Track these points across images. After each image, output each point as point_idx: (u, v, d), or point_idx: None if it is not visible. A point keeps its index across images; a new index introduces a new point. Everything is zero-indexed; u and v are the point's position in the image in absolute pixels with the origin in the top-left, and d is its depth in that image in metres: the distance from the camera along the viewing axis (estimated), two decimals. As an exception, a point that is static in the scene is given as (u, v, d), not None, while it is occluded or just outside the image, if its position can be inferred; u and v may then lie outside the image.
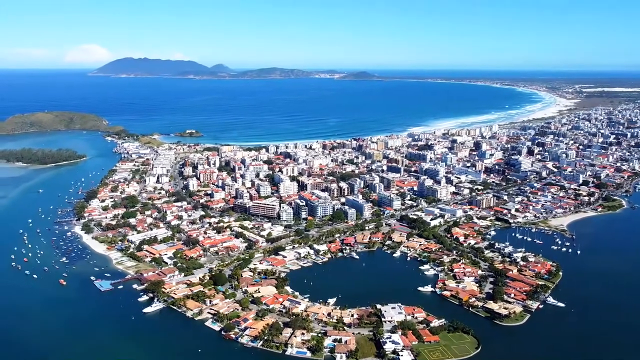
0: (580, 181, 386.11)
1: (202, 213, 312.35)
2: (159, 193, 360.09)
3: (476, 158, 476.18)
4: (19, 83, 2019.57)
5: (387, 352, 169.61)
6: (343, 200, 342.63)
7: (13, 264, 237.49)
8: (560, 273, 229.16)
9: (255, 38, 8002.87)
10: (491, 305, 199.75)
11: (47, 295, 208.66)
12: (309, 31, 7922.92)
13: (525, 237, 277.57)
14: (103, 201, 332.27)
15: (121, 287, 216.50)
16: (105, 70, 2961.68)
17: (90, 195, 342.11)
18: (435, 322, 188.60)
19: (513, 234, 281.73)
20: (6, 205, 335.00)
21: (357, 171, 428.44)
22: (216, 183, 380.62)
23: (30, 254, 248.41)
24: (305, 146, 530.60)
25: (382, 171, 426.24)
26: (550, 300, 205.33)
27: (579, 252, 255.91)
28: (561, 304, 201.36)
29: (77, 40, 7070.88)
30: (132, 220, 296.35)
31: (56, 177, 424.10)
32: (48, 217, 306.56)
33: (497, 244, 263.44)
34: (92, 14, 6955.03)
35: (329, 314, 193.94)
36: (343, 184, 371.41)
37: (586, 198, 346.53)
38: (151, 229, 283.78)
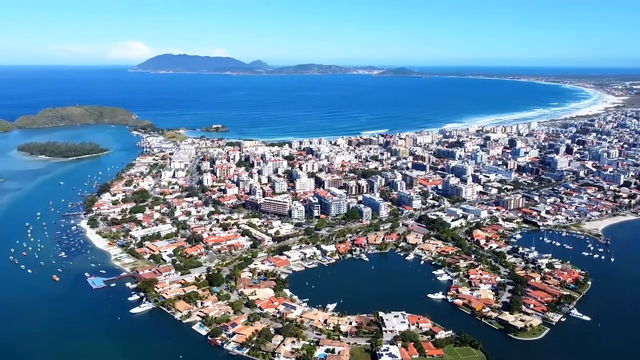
0: (621, 182, 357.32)
1: (212, 209, 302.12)
2: (173, 188, 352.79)
3: (509, 156, 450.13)
4: (62, 78, 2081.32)
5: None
6: (361, 198, 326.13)
7: (11, 257, 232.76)
8: (589, 282, 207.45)
9: (294, 34, 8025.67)
10: (506, 316, 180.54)
11: (38, 291, 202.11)
12: (347, 27, 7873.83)
13: (553, 242, 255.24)
14: (114, 195, 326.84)
15: (114, 284, 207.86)
16: (144, 67, 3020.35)
17: (103, 189, 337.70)
18: (442, 334, 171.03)
19: (541, 238, 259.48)
20: (20, 197, 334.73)
21: (380, 168, 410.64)
22: (232, 179, 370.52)
23: (30, 248, 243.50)
24: (330, 142, 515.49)
25: (407, 168, 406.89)
26: (575, 312, 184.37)
27: (612, 259, 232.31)
28: (586, 318, 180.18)
29: (120, 37, 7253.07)
30: (139, 215, 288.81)
31: (75, 170, 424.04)
32: (57, 210, 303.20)
33: (521, 249, 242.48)
34: (136, 11, 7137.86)
35: (325, 321, 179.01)
36: (363, 182, 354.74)
37: (626, 200, 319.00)
38: (157, 225, 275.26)
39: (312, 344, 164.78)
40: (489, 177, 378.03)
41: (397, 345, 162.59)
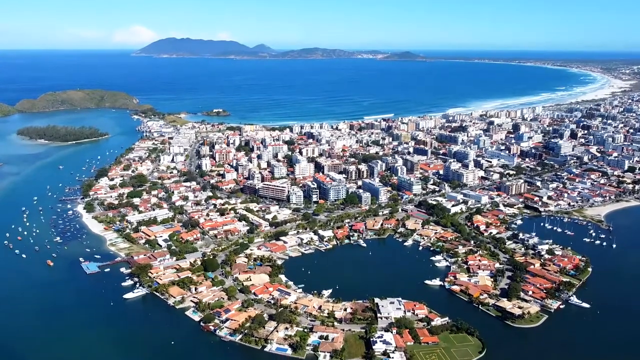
0: (626, 167, 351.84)
1: (210, 194, 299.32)
2: (171, 172, 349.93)
3: (512, 141, 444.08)
4: (66, 63, 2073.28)
5: (376, 353, 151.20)
6: (360, 183, 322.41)
7: (6, 242, 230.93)
8: (590, 269, 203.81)
9: (298, 18, 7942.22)
10: (504, 303, 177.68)
11: (31, 276, 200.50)
12: (352, 11, 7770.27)
13: (555, 228, 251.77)
14: (112, 180, 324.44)
15: (108, 270, 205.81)
16: (148, 51, 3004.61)
17: (101, 173, 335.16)
18: (438, 321, 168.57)
19: (542, 224, 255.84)
20: (17, 182, 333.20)
21: (381, 153, 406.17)
22: (231, 163, 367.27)
23: (25, 233, 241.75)
24: (332, 126, 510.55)
25: (408, 153, 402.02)
26: (574, 300, 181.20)
27: (614, 245, 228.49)
28: (586, 305, 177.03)
29: (124, 22, 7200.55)
30: (136, 200, 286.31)
31: (74, 154, 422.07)
32: (55, 194, 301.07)
33: (521, 235, 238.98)
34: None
35: (319, 307, 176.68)
36: (363, 166, 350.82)
37: (630, 186, 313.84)
38: (153, 210, 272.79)
39: (305, 330, 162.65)
40: (491, 162, 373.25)
41: (391, 332, 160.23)
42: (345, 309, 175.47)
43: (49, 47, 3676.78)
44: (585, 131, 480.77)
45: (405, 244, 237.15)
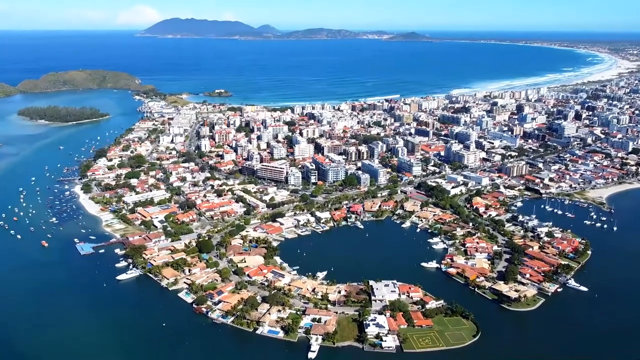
0: (630, 149, 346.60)
1: (208, 175, 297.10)
2: (170, 153, 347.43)
3: (515, 122, 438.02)
4: (69, 43, 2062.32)
5: (368, 336, 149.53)
6: (360, 164, 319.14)
7: (1, 222, 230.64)
8: (589, 252, 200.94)
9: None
10: (500, 286, 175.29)
11: (25, 257, 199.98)
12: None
13: (555, 210, 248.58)
14: (111, 160, 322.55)
15: (102, 251, 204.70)
16: (152, 31, 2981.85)
17: (100, 154, 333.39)
18: (432, 304, 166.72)
19: (542, 206, 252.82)
20: (16, 162, 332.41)
21: (382, 134, 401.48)
22: (230, 144, 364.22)
23: (21, 213, 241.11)
24: (334, 107, 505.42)
25: (410, 134, 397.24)
26: (572, 283, 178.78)
27: (615, 228, 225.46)
28: (584, 288, 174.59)
29: (129, 2, 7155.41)
30: (134, 181, 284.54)
31: (74, 135, 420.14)
32: (53, 175, 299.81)
33: (521, 217, 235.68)
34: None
35: (313, 290, 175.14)
36: (363, 148, 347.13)
37: (633, 168, 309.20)
38: (151, 190, 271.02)
39: (298, 313, 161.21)
40: (493, 143, 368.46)
41: (385, 315, 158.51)
42: (339, 292, 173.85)
43: (53, 28, 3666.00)
44: (590, 112, 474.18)
45: (403, 225, 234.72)
